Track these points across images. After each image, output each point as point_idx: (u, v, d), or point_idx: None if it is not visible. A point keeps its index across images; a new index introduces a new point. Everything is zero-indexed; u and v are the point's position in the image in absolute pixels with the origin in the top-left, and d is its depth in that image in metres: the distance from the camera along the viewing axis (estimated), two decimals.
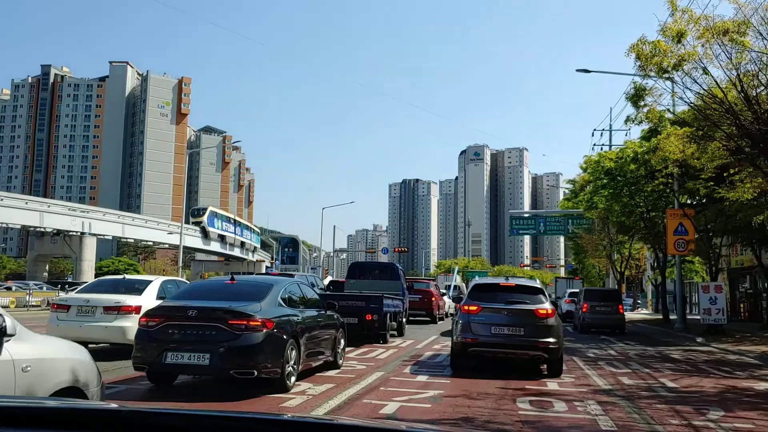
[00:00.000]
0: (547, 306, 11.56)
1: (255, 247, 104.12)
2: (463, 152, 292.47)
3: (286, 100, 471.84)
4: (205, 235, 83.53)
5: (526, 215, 53.18)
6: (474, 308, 11.63)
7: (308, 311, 9.98)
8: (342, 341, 11.75)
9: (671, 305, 54.30)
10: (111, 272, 77.61)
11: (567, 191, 53.02)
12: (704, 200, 25.45)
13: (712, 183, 21.10)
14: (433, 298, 27.10)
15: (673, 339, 22.65)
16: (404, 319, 20.51)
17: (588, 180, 42.86)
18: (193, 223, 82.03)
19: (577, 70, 27.19)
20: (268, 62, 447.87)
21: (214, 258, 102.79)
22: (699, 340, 21.23)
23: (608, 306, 25.63)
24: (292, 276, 21.15)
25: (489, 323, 11.40)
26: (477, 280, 12.93)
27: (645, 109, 17.98)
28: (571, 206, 51.03)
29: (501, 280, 12.65)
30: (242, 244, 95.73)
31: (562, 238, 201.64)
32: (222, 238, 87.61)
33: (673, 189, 25.37)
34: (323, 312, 10.82)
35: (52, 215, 63.21)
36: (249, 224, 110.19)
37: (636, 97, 17.33)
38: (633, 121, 19.51)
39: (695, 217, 24.35)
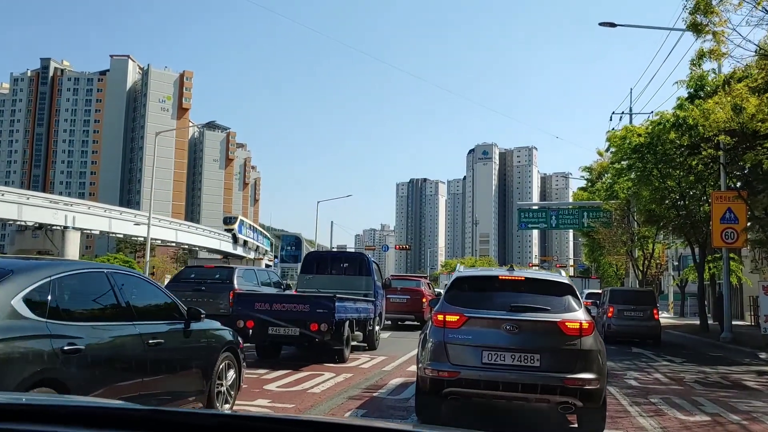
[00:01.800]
0: (580, 316, 6.69)
1: (265, 250, 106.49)
2: (471, 151, 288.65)
3: (293, 100, 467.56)
4: (235, 240, 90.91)
5: (535, 207, 48.23)
6: (454, 319, 6.78)
7: (119, 327, 5.19)
8: (231, 372, 7.00)
9: (692, 308, 50.00)
10: None
11: (583, 177, 47.96)
12: (753, 182, 20.47)
13: None
14: (424, 299, 22.25)
15: (726, 353, 17.75)
16: (378, 327, 15.67)
17: (606, 167, 38.02)
18: (225, 230, 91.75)
19: (601, 24, 22.28)
20: (273, 59, 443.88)
21: (216, 255, 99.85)
22: (763, 356, 16.33)
23: (640, 311, 20.73)
24: (231, 269, 16.49)
25: (479, 345, 6.58)
26: (460, 271, 8.01)
27: (708, 44, 12.97)
28: (587, 197, 46.11)
29: (501, 272, 7.48)
30: (257, 248, 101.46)
31: (571, 237, 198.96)
32: (245, 243, 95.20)
33: (720, 164, 20.40)
34: (178, 327, 6.08)
35: (32, 208, 59.34)
36: (262, 230, 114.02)
37: (701, 9, 12.25)
38: (694, 63, 14.50)
39: (751, 200, 19.38)
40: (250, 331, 11.78)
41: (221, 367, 6.75)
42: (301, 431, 1.54)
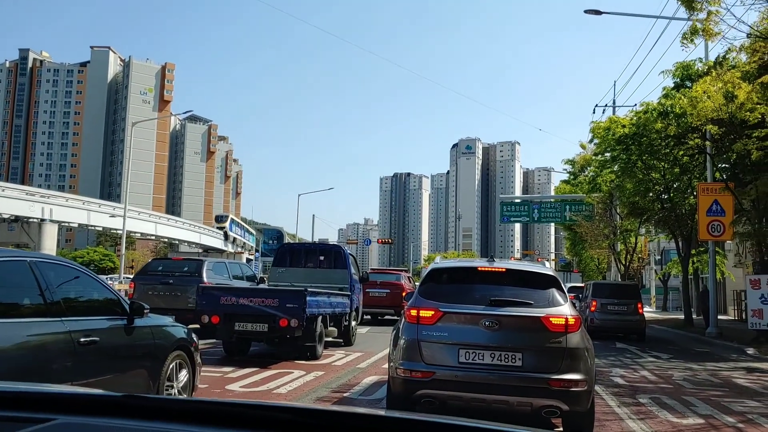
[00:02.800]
0: (566, 311, 6.09)
1: (251, 246, 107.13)
2: (455, 146, 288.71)
3: (275, 93, 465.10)
4: (226, 237, 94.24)
5: (518, 201, 47.56)
6: (428, 314, 6.16)
7: (41, 324, 4.53)
8: (183, 372, 6.35)
9: (674, 303, 49.87)
10: (84, 263, 73.99)
11: (566, 170, 47.48)
12: (739, 173, 20.03)
13: None
14: (404, 293, 21.64)
15: (713, 349, 17.31)
16: (354, 323, 15.02)
17: (589, 160, 37.62)
18: (217, 227, 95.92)
19: (586, 11, 21.71)
20: (256, 52, 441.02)
21: (195, 249, 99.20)
22: (750, 351, 15.92)
23: (624, 305, 20.24)
24: (200, 261, 15.81)
25: (456, 343, 5.98)
26: (437, 262, 7.35)
27: (700, 24, 12.40)
28: (570, 190, 45.75)
29: (480, 263, 6.85)
30: (244, 244, 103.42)
31: (552, 231, 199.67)
32: (234, 240, 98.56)
33: (707, 155, 19.94)
34: (119, 324, 5.44)
35: (8, 200, 57.86)
36: (249, 228, 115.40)
37: None
38: (686, 38, 13.89)
39: (739, 192, 18.89)
40: (216, 326, 11.14)
41: (171, 367, 6.09)
42: (282, 417, 1.48)
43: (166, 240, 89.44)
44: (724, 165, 21.26)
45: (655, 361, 14.00)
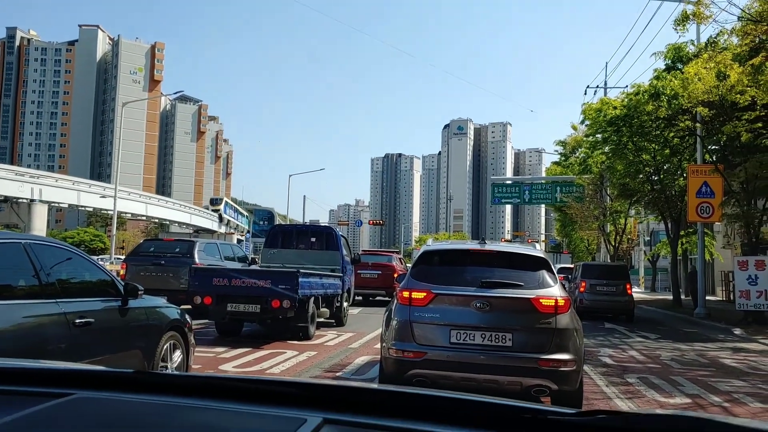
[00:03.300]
0: (556, 292, 6.18)
1: (244, 228, 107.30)
2: (446, 126, 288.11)
3: (266, 73, 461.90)
4: (221, 220, 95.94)
5: (509, 182, 47.67)
6: (420, 295, 6.23)
7: (36, 306, 4.57)
8: (177, 353, 6.41)
9: (663, 283, 50.19)
10: (74, 244, 73.97)
11: (557, 152, 47.60)
12: (729, 155, 20.14)
13: (759, 125, 15.83)
14: (396, 275, 21.76)
15: (701, 330, 17.49)
16: (346, 304, 15.10)
17: (580, 141, 37.70)
18: (212, 210, 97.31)
19: None
20: (247, 32, 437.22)
21: (186, 230, 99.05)
22: (737, 332, 16.11)
23: (613, 286, 20.40)
24: (192, 242, 15.82)
25: (447, 324, 6.06)
26: (429, 244, 7.39)
27: (691, 6, 12.43)
28: (561, 171, 45.88)
29: (471, 245, 6.95)
30: (237, 226, 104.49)
31: (543, 212, 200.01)
32: (228, 222, 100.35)
33: (697, 137, 20.02)
34: (113, 305, 5.49)
35: None
36: (242, 210, 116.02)
37: None
38: (679, 23, 13.95)
39: (728, 174, 19.02)
40: (209, 307, 11.19)
41: (165, 347, 6.16)
42: (291, 392, 1.49)
43: (156, 220, 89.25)
44: (714, 147, 21.38)
45: (644, 341, 14.16)
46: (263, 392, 1.50)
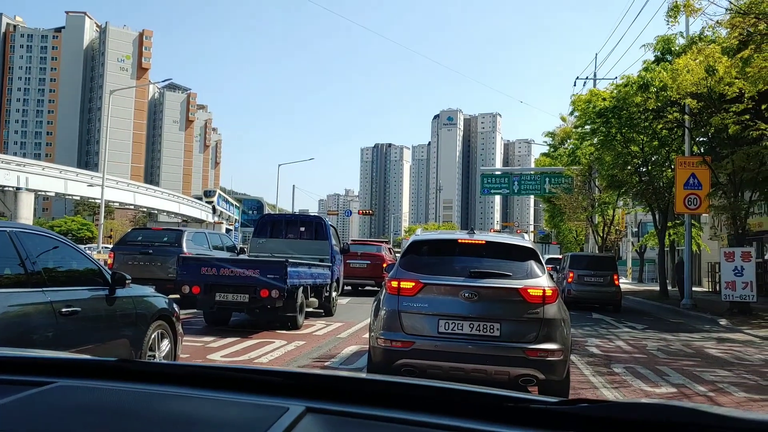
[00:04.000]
0: (544, 282, 6.20)
1: (235, 219, 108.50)
2: (436, 117, 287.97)
3: (255, 62, 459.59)
4: (214, 211, 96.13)
5: (498, 173, 47.80)
6: (409, 285, 6.24)
7: (22, 294, 4.54)
8: (165, 342, 6.40)
9: (650, 274, 50.51)
10: (62, 233, 73.64)
11: (546, 143, 47.70)
12: (717, 147, 20.24)
13: (747, 117, 15.90)
14: (385, 265, 21.76)
15: (687, 320, 17.63)
16: (335, 293, 15.12)
17: (569, 132, 37.83)
18: (206, 202, 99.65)
19: None
20: (235, 20, 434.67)
21: (174, 219, 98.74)
22: (723, 322, 16.24)
23: (600, 276, 20.55)
24: (180, 231, 15.76)
25: (436, 314, 6.08)
26: (418, 234, 7.38)
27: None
28: (549, 163, 46.02)
29: (460, 235, 6.93)
30: (229, 217, 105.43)
31: (532, 203, 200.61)
32: (221, 214, 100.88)
33: (685, 129, 20.10)
34: (100, 294, 5.47)
35: None
36: (233, 201, 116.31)
37: None
38: (670, 15, 14.00)
39: (715, 166, 19.11)
40: (197, 297, 11.16)
41: (153, 336, 6.14)
42: (274, 381, 1.49)
43: (145, 209, 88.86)
44: (702, 139, 21.48)
45: (630, 331, 14.26)
46: (246, 381, 1.50)
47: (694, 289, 22.11)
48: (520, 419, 1.24)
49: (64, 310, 4.82)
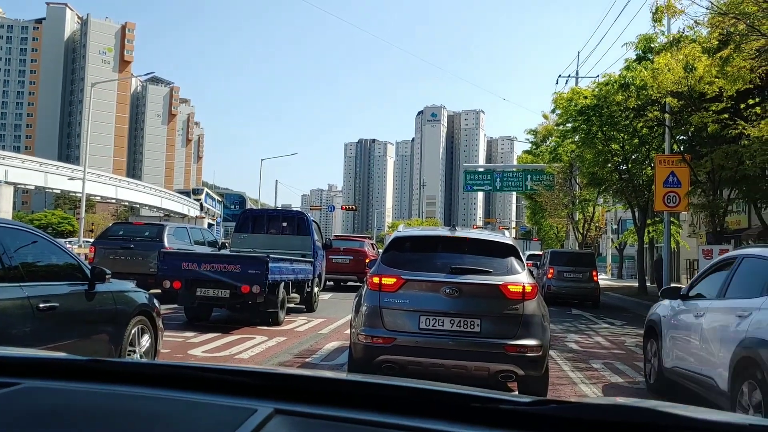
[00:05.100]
0: (523, 279, 6.26)
1: (219, 214, 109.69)
2: (420, 113, 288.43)
3: (239, 56, 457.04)
4: (201, 208, 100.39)
5: (481, 170, 48.05)
6: (390, 281, 6.27)
7: None
8: (146, 337, 6.38)
9: (629, 271, 50.87)
10: (41, 226, 72.82)
11: (528, 140, 47.92)
12: (696, 146, 20.47)
13: (726, 116, 16.08)
14: (368, 260, 21.81)
15: None
16: (317, 289, 15.13)
17: (551, 130, 38.01)
18: (194, 199, 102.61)
19: None
20: (219, 13, 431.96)
21: (156, 213, 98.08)
22: None
23: (580, 272, 20.77)
24: (162, 226, 15.69)
25: (417, 310, 6.12)
26: (400, 231, 7.45)
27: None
28: (531, 160, 46.22)
29: (442, 232, 7.03)
30: (215, 213, 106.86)
31: (514, 199, 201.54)
32: (207, 211, 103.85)
33: (665, 127, 20.28)
34: (79, 289, 5.46)
35: None
36: (219, 198, 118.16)
37: None
38: (655, 18, 14.17)
39: (694, 165, 19.32)
40: (178, 292, 11.12)
41: (133, 332, 6.13)
42: (244, 381, 1.47)
43: (126, 204, 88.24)
44: (681, 137, 21.68)
45: (609, 327, 14.42)
46: (217, 381, 1.49)
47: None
48: (489, 420, 1.25)
49: (41, 305, 4.80)
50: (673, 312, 7.32)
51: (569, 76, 39.14)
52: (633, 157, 25.33)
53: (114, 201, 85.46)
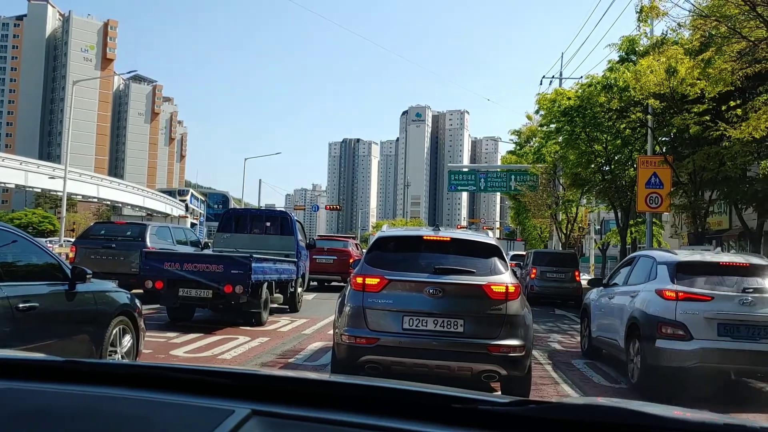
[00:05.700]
0: (506, 279, 6.28)
1: (202, 213, 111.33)
2: (405, 113, 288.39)
3: (223, 55, 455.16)
4: (187, 208, 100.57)
5: (465, 170, 48.11)
6: (374, 282, 6.26)
7: None
8: (127, 338, 6.32)
9: (611, 271, 50.98)
10: (22, 226, 72.03)
11: (512, 141, 48.08)
12: (678, 147, 20.65)
13: (707, 118, 16.22)
14: (351, 260, 21.76)
15: None
16: (300, 289, 15.08)
17: (535, 130, 38.15)
18: (180, 200, 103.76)
19: None
20: (202, 11, 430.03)
21: (139, 213, 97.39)
22: None
23: (562, 272, 20.91)
24: (144, 225, 15.57)
25: (400, 310, 6.11)
26: (383, 230, 7.46)
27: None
28: (515, 160, 46.37)
29: (425, 232, 6.98)
30: (193, 210, 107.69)
31: (498, 200, 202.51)
32: (193, 211, 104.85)
33: (648, 129, 20.44)
34: (60, 289, 5.40)
35: None
36: (203, 198, 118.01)
37: None
38: (641, 20, 14.29)
39: (677, 166, 19.49)
40: (160, 292, 11.04)
41: (114, 332, 6.07)
42: (222, 382, 1.47)
43: (109, 203, 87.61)
44: (664, 139, 21.83)
45: None
46: (194, 382, 1.48)
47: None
48: (469, 420, 1.25)
49: (21, 305, 4.75)
50: (597, 296, 9.94)
51: (553, 77, 39.34)
52: (616, 158, 25.48)
53: (96, 200, 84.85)
